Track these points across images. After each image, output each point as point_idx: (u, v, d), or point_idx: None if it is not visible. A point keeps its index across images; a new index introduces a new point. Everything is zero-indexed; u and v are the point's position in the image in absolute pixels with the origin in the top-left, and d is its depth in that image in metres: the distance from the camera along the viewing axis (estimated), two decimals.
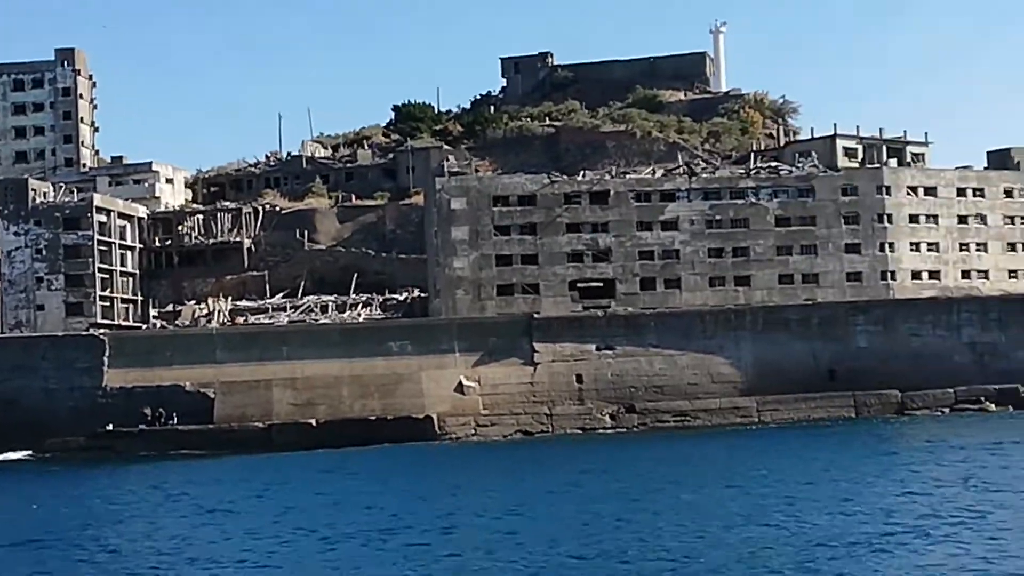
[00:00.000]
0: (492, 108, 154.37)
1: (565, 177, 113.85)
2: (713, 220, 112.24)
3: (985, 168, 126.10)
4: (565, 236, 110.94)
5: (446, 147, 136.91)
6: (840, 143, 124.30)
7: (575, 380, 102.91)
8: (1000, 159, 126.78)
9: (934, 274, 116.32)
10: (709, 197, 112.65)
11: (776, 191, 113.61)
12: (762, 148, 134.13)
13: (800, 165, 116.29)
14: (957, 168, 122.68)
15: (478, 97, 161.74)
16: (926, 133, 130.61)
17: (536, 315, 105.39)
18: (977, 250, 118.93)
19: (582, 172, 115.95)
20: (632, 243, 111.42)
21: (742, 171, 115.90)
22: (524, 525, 50.68)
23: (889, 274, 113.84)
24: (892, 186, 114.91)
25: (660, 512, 52.63)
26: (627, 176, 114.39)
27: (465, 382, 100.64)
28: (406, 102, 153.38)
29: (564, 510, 54.77)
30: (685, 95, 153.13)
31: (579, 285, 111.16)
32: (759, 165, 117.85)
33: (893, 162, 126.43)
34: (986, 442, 76.31)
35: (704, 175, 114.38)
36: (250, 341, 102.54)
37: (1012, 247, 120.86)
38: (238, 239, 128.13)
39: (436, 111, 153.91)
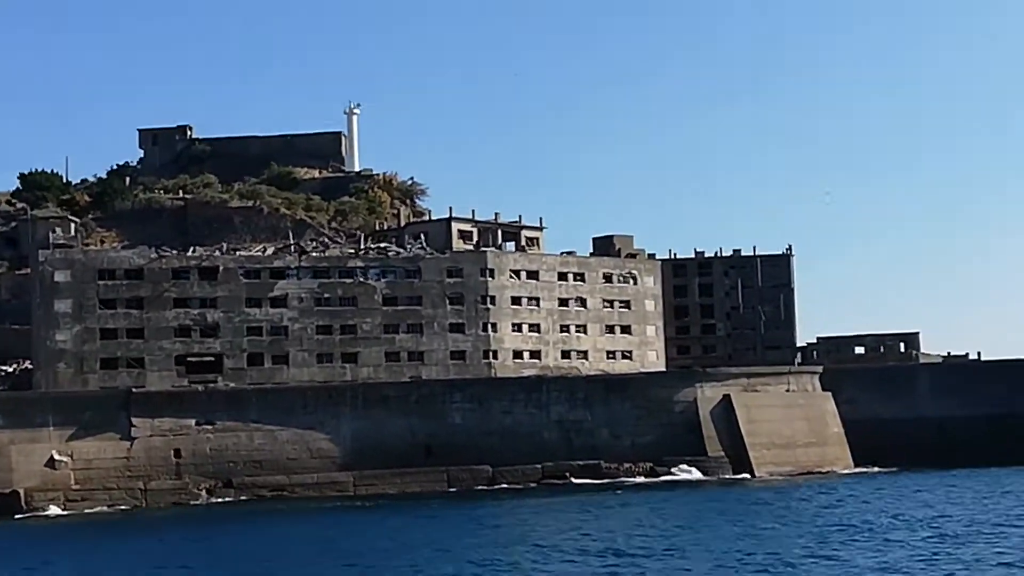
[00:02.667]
0: (128, 179, 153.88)
1: (174, 252, 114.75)
2: (322, 298, 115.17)
3: (591, 253, 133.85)
4: (172, 311, 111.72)
5: (71, 217, 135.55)
6: (456, 226, 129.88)
7: (173, 455, 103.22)
8: (604, 245, 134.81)
9: (535, 354, 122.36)
10: (319, 275, 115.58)
11: (384, 271, 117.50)
12: (385, 228, 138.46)
13: (409, 247, 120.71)
14: (562, 253, 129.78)
15: (114, 167, 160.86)
16: (541, 218, 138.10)
17: (135, 389, 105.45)
18: (577, 331, 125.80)
19: (192, 248, 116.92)
20: (241, 319, 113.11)
21: (351, 251, 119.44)
22: None
23: (491, 353, 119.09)
24: (496, 269, 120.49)
25: None
26: (237, 253, 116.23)
27: (56, 456, 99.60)
28: (32, 170, 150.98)
29: None
30: (320, 173, 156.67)
31: (187, 360, 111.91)
32: (369, 246, 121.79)
33: (511, 245, 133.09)
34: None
35: (314, 254, 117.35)
36: None
37: (610, 329, 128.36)
38: None
39: (64, 180, 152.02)
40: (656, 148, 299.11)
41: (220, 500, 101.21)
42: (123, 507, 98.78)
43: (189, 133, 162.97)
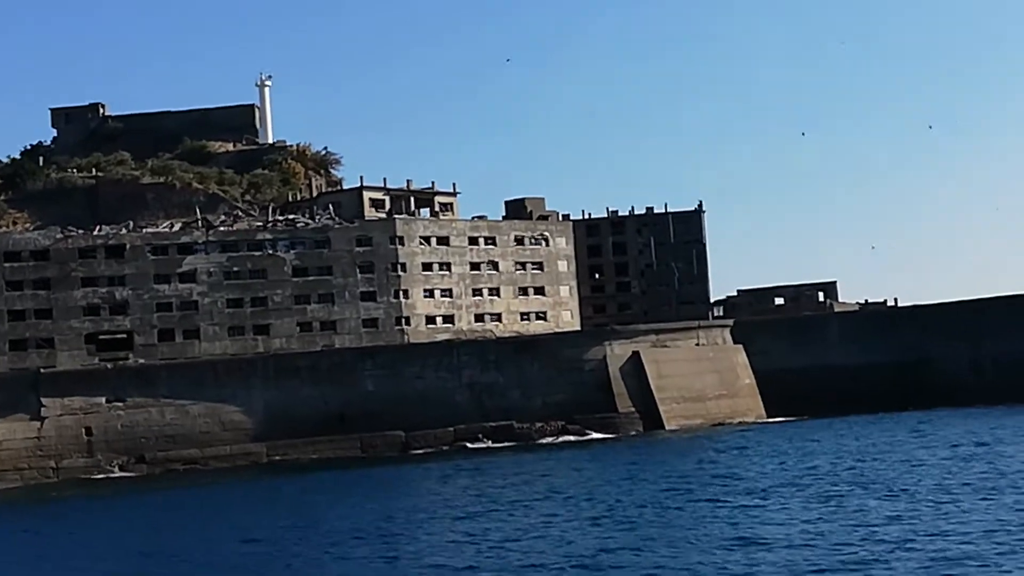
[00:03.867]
0: (41, 159, 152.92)
1: (79, 232, 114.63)
2: (231, 271, 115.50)
3: (503, 217, 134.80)
4: (80, 290, 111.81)
5: None
6: (367, 194, 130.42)
7: (84, 433, 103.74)
8: (515, 208, 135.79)
9: (448, 318, 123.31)
10: (227, 249, 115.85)
11: (294, 243, 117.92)
12: (298, 199, 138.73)
13: (317, 217, 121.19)
14: (473, 218, 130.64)
15: (27, 148, 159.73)
16: (454, 184, 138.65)
17: (43, 369, 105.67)
18: (490, 295, 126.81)
19: (98, 227, 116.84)
20: (150, 296, 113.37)
21: (260, 224, 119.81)
22: None
23: (404, 320, 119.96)
24: (405, 236, 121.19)
25: None
26: (144, 230, 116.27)
27: None
28: None
29: None
30: (234, 146, 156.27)
31: (98, 338, 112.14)
32: (276, 218, 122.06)
33: (425, 212, 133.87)
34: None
35: (222, 228, 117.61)
36: None
37: (524, 291, 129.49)
38: None
39: None
40: (568, 109, 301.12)
41: (132, 475, 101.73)
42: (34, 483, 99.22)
43: (102, 111, 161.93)
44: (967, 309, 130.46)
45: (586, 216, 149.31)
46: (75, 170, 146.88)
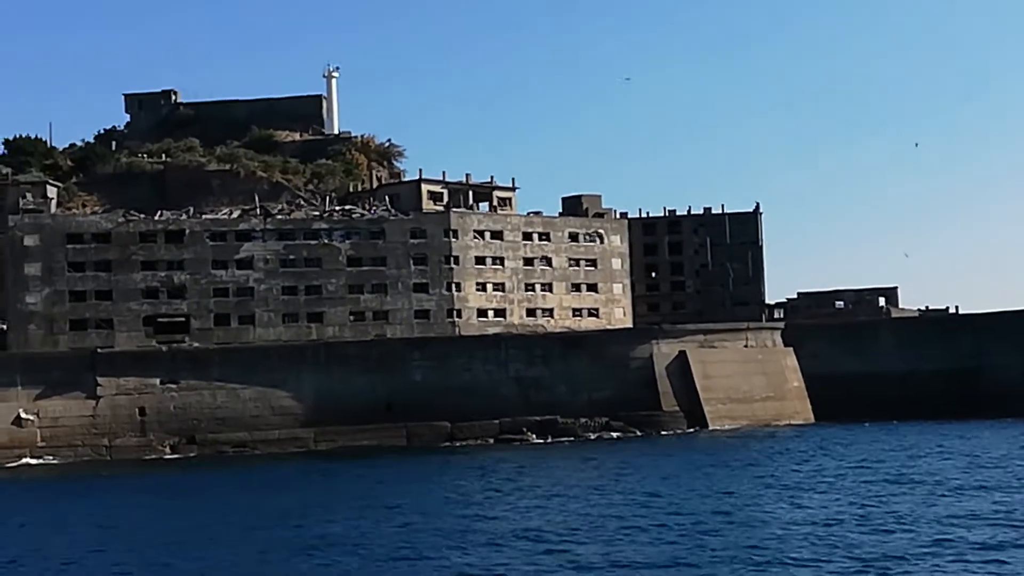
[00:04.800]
0: (114, 144, 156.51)
1: (141, 216, 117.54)
2: (287, 259, 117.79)
3: (559, 213, 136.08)
4: (140, 273, 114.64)
5: (51, 182, 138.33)
6: (426, 187, 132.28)
7: (138, 413, 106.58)
8: (572, 205, 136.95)
9: (500, 312, 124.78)
10: (284, 238, 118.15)
11: (349, 233, 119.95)
12: (359, 190, 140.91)
13: (373, 209, 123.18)
14: (529, 214, 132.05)
15: (101, 132, 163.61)
16: (513, 179, 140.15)
17: (100, 350, 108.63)
18: (542, 290, 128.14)
19: (159, 212, 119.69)
20: (207, 281, 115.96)
21: (316, 214, 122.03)
22: None
23: (455, 312, 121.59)
24: (459, 229, 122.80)
25: None
26: (203, 216, 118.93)
27: (23, 415, 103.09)
28: (17, 135, 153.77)
29: None
30: (300, 136, 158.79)
31: (156, 320, 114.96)
32: (333, 208, 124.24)
33: (484, 206, 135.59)
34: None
35: (279, 216, 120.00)
36: None
37: (576, 287, 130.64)
38: None
39: (48, 145, 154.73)
40: (629, 107, 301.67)
41: (182, 456, 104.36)
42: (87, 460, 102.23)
43: (174, 98, 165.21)
44: (1016, 319, 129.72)
45: (643, 215, 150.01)
46: (145, 155, 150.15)
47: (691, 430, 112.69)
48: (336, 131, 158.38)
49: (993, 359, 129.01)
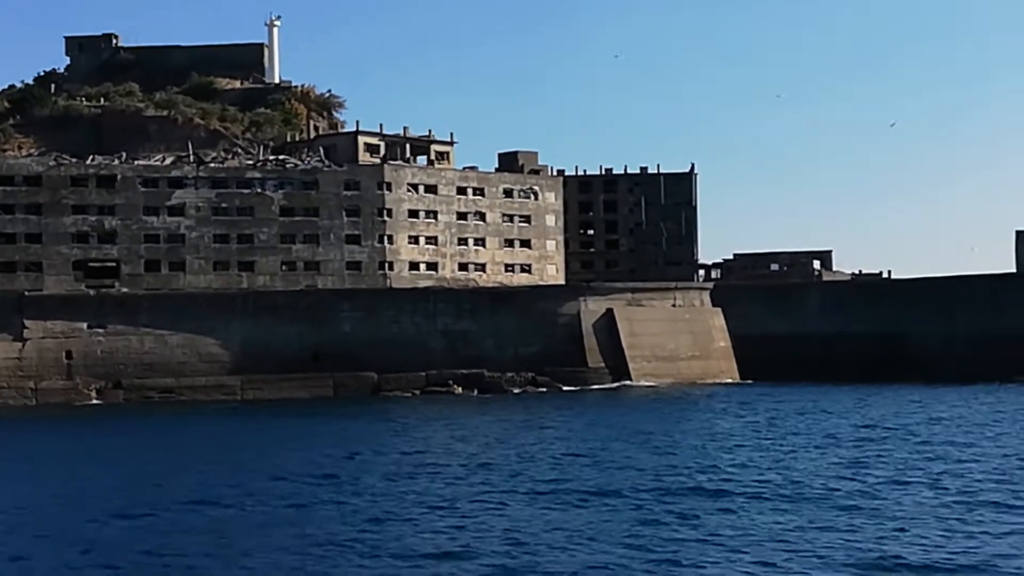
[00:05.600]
0: (53, 87, 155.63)
1: (73, 160, 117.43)
2: (219, 207, 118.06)
3: (495, 169, 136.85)
4: (71, 217, 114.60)
5: None
6: (362, 139, 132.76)
7: (64, 357, 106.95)
8: (508, 161, 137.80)
9: (432, 265, 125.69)
10: (217, 186, 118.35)
11: (283, 183, 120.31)
12: (296, 140, 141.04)
13: (307, 160, 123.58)
14: (464, 169, 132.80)
15: (40, 74, 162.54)
16: (451, 133, 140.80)
17: (28, 293, 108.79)
18: (475, 245, 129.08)
19: (91, 156, 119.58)
20: (138, 227, 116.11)
21: (250, 162, 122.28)
22: None
23: (387, 264, 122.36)
24: (393, 182, 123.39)
25: None
26: (135, 162, 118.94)
27: None
28: None
29: None
30: (241, 84, 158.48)
31: (87, 265, 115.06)
32: (267, 158, 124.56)
33: (422, 159, 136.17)
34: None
35: (212, 164, 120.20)
36: None
37: (510, 243, 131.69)
38: None
39: None
40: (570, 66, 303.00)
41: (106, 402, 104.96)
42: (12, 404, 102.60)
43: (115, 42, 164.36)
44: (941, 285, 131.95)
45: (581, 173, 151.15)
46: (83, 99, 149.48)
47: (615, 385, 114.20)
48: (277, 80, 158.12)
49: (917, 325, 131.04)
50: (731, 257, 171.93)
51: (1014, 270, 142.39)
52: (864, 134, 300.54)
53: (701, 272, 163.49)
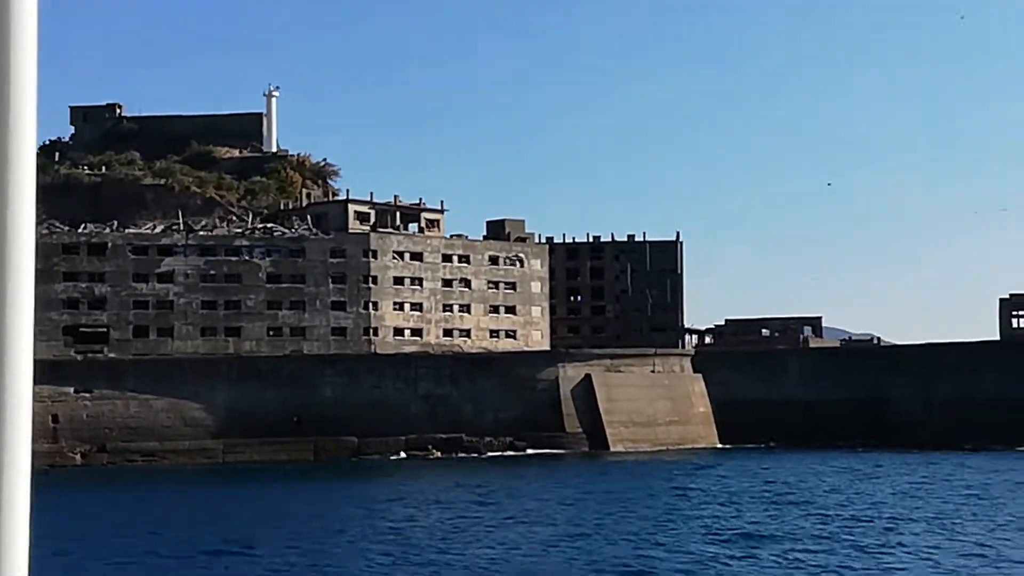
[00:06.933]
0: (57, 155, 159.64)
1: (65, 228, 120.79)
2: (208, 274, 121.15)
3: (483, 236, 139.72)
4: (62, 284, 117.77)
5: None
6: (353, 207, 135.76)
7: (51, 420, 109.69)
8: (495, 229, 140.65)
9: (416, 331, 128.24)
10: (205, 253, 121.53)
11: (270, 250, 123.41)
12: (290, 207, 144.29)
13: (295, 228, 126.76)
14: (451, 236, 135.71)
15: (46, 143, 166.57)
16: (442, 201, 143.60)
17: None
18: (460, 311, 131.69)
19: (83, 224, 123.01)
20: (128, 293, 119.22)
21: (239, 230, 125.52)
22: None
23: (372, 330, 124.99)
24: (379, 250, 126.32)
25: None
26: (126, 231, 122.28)
27: None
28: None
29: None
30: (239, 152, 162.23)
31: (77, 331, 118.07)
32: (255, 226, 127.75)
33: (413, 227, 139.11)
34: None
35: (201, 232, 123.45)
36: None
37: (495, 309, 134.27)
38: None
39: None
40: (561, 138, 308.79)
41: (90, 464, 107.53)
42: None
43: (119, 111, 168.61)
44: (922, 352, 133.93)
45: (570, 240, 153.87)
46: (86, 167, 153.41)
47: (592, 451, 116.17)
48: (274, 149, 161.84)
49: (897, 391, 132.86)
50: (723, 323, 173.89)
51: (998, 338, 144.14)
52: (847, 205, 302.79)
53: (694, 337, 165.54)
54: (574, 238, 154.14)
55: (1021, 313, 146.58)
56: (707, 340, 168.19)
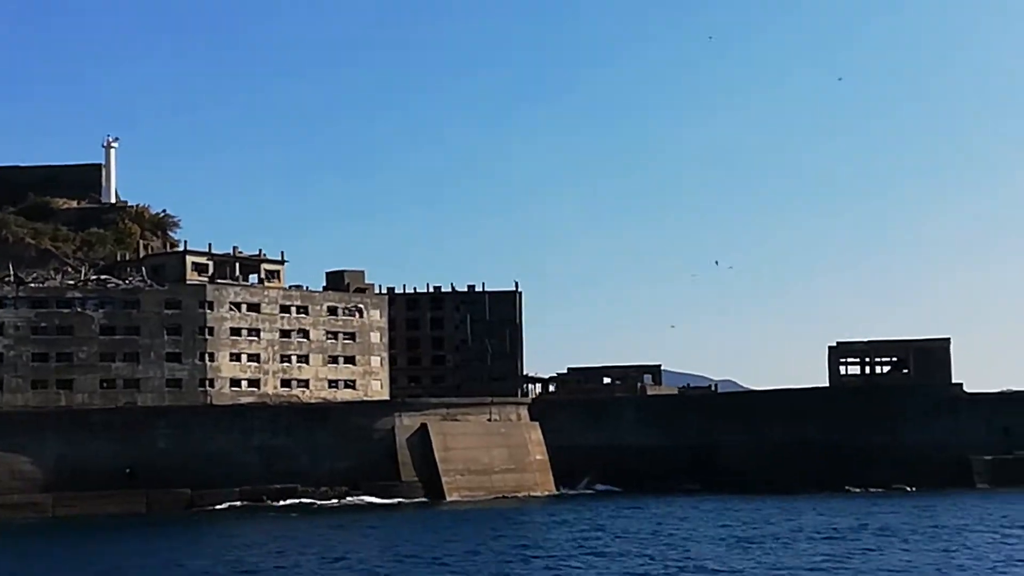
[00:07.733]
0: None
1: None
2: (39, 327, 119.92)
3: (323, 287, 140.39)
4: None
5: None
6: (191, 259, 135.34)
7: None
8: (335, 280, 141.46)
9: (254, 382, 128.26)
10: (37, 305, 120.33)
11: (104, 302, 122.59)
12: (127, 259, 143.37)
13: (128, 280, 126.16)
14: (290, 287, 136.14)
15: None
16: (283, 252, 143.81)
17: None
18: (299, 361, 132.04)
19: None
20: None
21: (71, 282, 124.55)
22: None
23: (208, 382, 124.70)
24: (215, 301, 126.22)
25: None
26: None
27: None
28: None
29: None
30: (78, 203, 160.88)
31: None
32: (88, 278, 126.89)
33: (253, 278, 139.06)
34: None
35: (32, 284, 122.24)
36: None
37: (334, 359, 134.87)
38: None
39: None
40: (402, 188, 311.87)
41: None
42: None
43: None
44: (753, 399, 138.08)
45: (411, 291, 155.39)
46: None
47: (426, 500, 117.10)
48: (113, 200, 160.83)
49: (728, 436, 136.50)
50: (565, 371, 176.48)
51: (827, 384, 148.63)
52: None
53: (537, 386, 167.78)
54: (415, 288, 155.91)
55: (848, 360, 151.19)
56: (550, 388, 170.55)
